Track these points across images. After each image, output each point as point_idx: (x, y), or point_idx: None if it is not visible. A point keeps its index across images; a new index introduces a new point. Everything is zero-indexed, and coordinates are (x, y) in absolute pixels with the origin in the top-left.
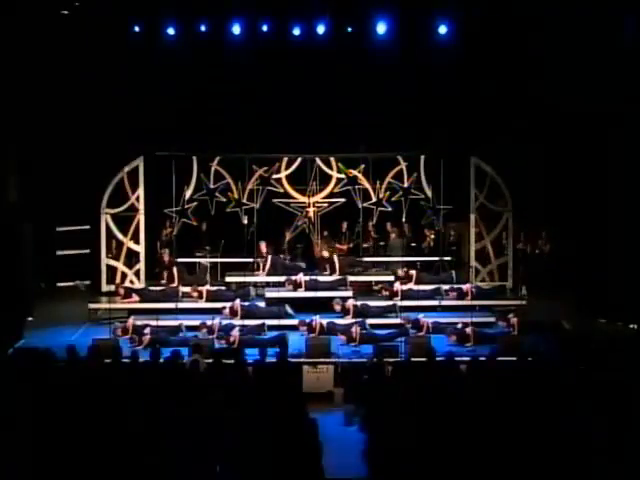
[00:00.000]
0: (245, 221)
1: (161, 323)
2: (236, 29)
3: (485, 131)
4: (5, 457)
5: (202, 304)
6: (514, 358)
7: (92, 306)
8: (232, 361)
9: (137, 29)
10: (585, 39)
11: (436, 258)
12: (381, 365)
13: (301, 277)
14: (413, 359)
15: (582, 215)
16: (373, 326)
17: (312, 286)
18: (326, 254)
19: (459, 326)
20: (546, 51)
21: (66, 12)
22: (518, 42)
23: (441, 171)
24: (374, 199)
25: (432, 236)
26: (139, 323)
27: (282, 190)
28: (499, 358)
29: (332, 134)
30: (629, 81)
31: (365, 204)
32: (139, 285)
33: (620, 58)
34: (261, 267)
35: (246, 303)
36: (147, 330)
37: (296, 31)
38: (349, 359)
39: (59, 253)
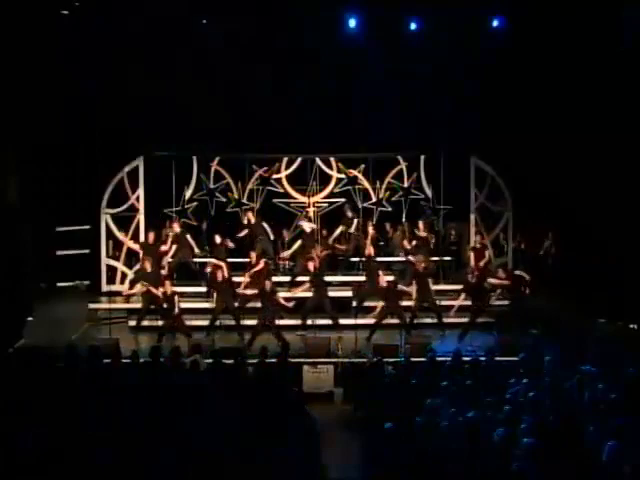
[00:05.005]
0: (245, 221)
1: None
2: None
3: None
4: (5, 456)
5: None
6: (515, 358)
7: (92, 306)
8: (232, 361)
9: (136, 29)
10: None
11: (436, 258)
12: (381, 365)
13: None
14: (413, 359)
15: (582, 215)
16: None
17: None
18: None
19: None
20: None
21: (66, 12)
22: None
23: (441, 171)
24: (374, 199)
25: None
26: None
27: (282, 190)
28: (498, 358)
29: (332, 134)
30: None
31: (365, 204)
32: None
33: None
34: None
35: None
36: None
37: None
38: (349, 359)
39: (59, 253)
